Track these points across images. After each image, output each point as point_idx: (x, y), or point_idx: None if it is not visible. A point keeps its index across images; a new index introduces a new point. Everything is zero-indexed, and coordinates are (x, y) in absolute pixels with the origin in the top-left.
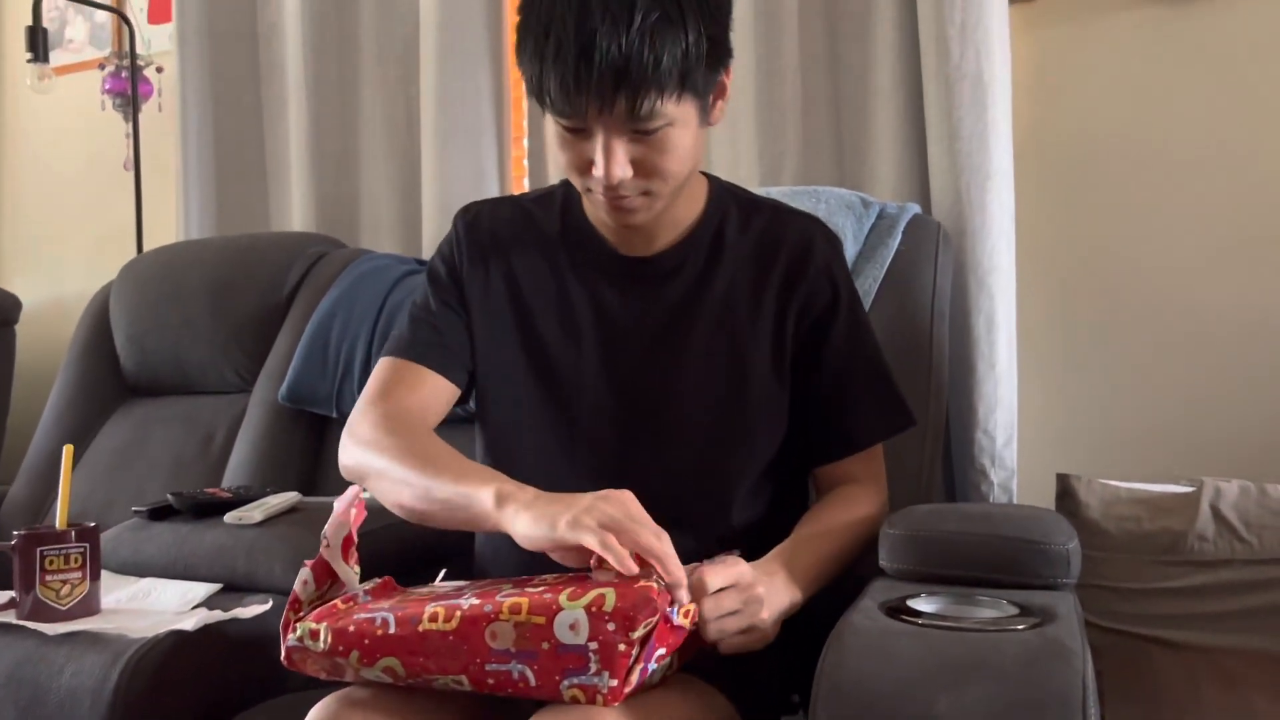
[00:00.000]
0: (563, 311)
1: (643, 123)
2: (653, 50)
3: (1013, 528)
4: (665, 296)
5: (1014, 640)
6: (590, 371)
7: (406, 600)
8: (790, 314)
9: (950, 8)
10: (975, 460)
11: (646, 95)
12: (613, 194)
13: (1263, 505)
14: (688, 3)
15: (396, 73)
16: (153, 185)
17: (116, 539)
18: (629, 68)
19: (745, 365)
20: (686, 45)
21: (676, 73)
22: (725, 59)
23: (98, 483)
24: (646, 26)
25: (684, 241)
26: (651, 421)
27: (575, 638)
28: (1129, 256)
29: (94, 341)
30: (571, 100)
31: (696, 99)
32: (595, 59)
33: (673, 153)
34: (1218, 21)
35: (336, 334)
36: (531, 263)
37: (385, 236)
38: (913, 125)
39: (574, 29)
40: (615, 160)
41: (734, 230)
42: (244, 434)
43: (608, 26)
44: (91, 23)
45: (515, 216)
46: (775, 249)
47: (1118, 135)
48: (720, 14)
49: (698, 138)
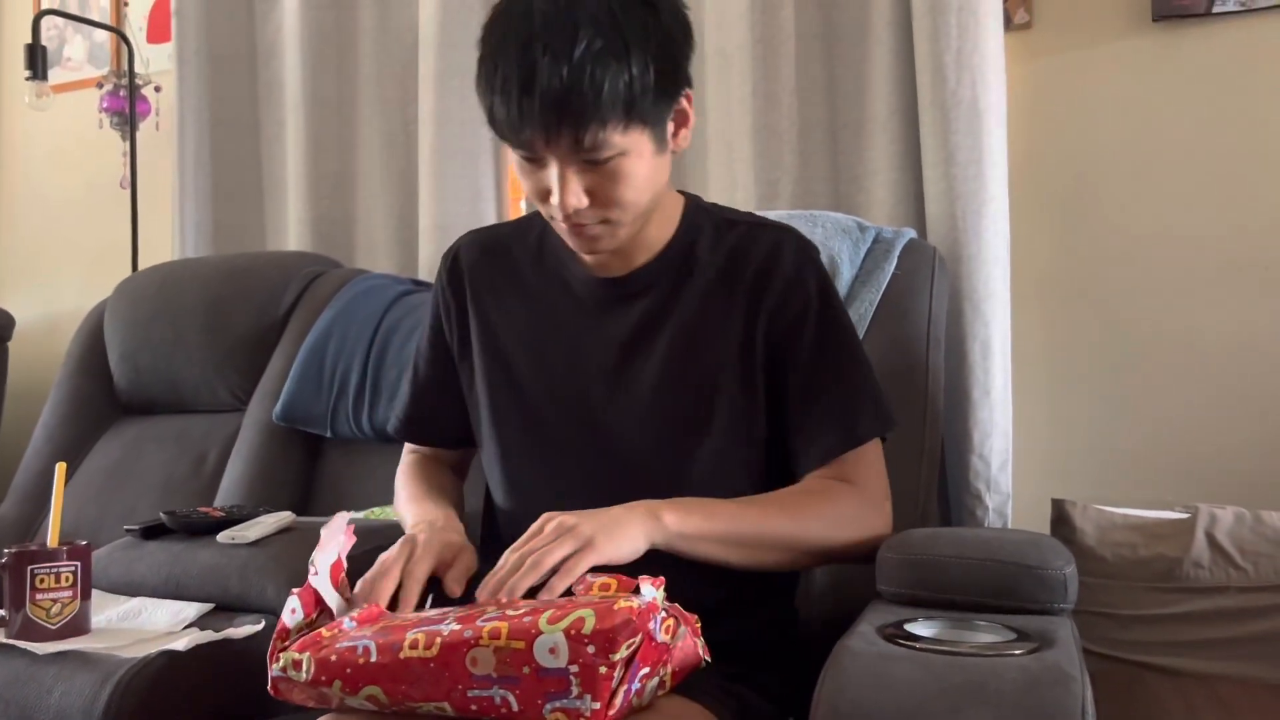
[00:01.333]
0: (534, 340)
1: (590, 153)
2: (593, 82)
3: (1010, 552)
4: (631, 317)
5: (1013, 665)
6: (561, 398)
7: (390, 627)
8: (759, 325)
9: (946, 35)
10: (970, 485)
11: (589, 127)
12: (572, 223)
13: (1257, 532)
14: (633, 33)
15: (395, 93)
16: (149, 204)
17: (108, 558)
18: (570, 99)
19: (712, 385)
20: (630, 76)
21: (621, 104)
22: (678, 88)
23: (90, 501)
24: (588, 57)
25: (655, 262)
26: (617, 444)
27: (555, 661)
28: (1123, 282)
29: (87, 359)
30: (518, 132)
31: (647, 128)
32: (536, 91)
33: (627, 182)
34: (1210, 49)
35: (332, 354)
36: (504, 294)
37: (382, 256)
38: (909, 151)
39: (516, 61)
40: (569, 190)
41: (706, 248)
42: (237, 453)
43: (549, 58)
44: (90, 41)
45: (492, 246)
46: (744, 262)
47: (1112, 161)
48: (670, 44)
49: (655, 166)
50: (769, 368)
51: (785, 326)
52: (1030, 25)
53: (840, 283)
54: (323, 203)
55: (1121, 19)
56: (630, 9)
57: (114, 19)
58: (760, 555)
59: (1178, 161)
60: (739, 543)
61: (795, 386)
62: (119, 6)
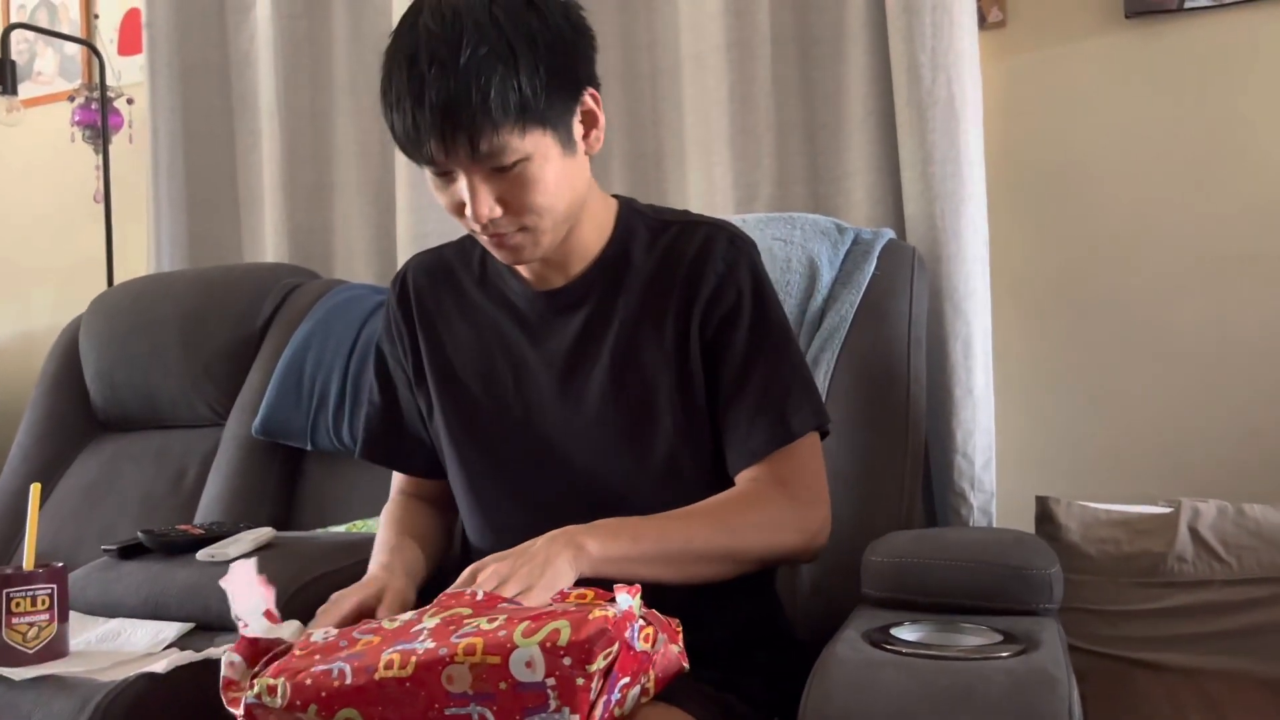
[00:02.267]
0: (480, 358)
1: (491, 160)
2: (480, 88)
3: (994, 554)
4: (572, 328)
5: (999, 669)
6: (512, 417)
7: (366, 644)
8: (693, 322)
9: (921, 34)
10: (955, 484)
11: (482, 133)
12: (490, 233)
13: (1240, 526)
14: (518, 37)
15: (370, 102)
16: (123, 218)
17: (85, 579)
18: (459, 107)
19: (654, 389)
20: (519, 80)
21: (513, 108)
22: (577, 88)
23: (67, 521)
24: (473, 64)
25: (591, 269)
26: (569, 457)
27: (532, 675)
28: (1103, 278)
29: (63, 376)
30: (418, 145)
31: (548, 131)
32: (426, 102)
33: (537, 186)
34: (1182, 44)
35: (311, 366)
36: (450, 314)
37: (360, 267)
38: (886, 151)
39: (406, 75)
40: (480, 200)
41: (641, 251)
42: (217, 469)
43: (435, 70)
44: (61, 55)
45: (436, 271)
46: (677, 262)
47: (1088, 158)
48: (561, 44)
49: (565, 168)
50: (706, 366)
51: (718, 322)
52: (1004, 23)
53: (820, 285)
54: (299, 213)
55: (1094, 16)
56: (515, 14)
57: (84, 31)
58: (693, 570)
59: (1153, 157)
60: (668, 560)
61: (726, 383)
62: (89, 19)
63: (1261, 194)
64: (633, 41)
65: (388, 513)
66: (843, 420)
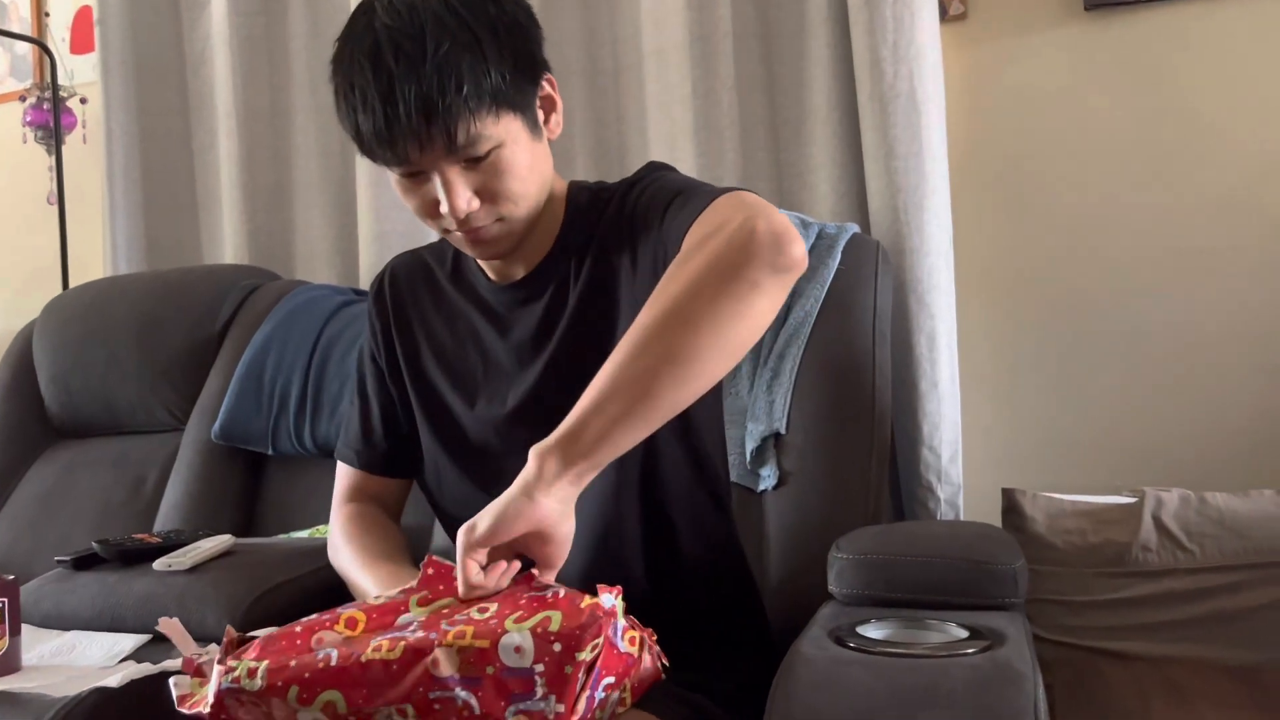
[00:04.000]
0: (454, 355)
1: (468, 150)
2: (453, 78)
3: (959, 549)
4: (534, 316)
5: (964, 665)
6: (480, 410)
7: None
8: (642, 267)
9: (882, 28)
10: (922, 477)
11: (460, 122)
12: (467, 228)
13: (1202, 514)
14: (479, 25)
15: (329, 101)
16: (78, 219)
17: (38, 591)
18: (433, 100)
19: None
20: (488, 67)
21: (487, 94)
22: (537, 72)
23: (23, 531)
24: (442, 56)
25: (550, 255)
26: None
27: (521, 661)
28: (1065, 269)
29: (16, 383)
30: (390, 147)
31: (517, 115)
32: (398, 100)
33: (511, 173)
34: (1142, 35)
35: (271, 369)
36: (427, 313)
37: (321, 267)
38: (849, 146)
39: (372, 75)
40: (457, 194)
41: (583, 220)
42: (176, 475)
43: (403, 66)
44: (12, 54)
45: (414, 271)
46: (618, 217)
47: (1050, 150)
48: (519, 29)
49: (535, 154)
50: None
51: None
52: (965, 16)
53: None
54: (259, 214)
55: (1054, 7)
56: (470, 3)
57: (35, 30)
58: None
59: (1115, 148)
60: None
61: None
62: (40, 17)
63: (1223, 185)
64: (595, 38)
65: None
66: (808, 415)
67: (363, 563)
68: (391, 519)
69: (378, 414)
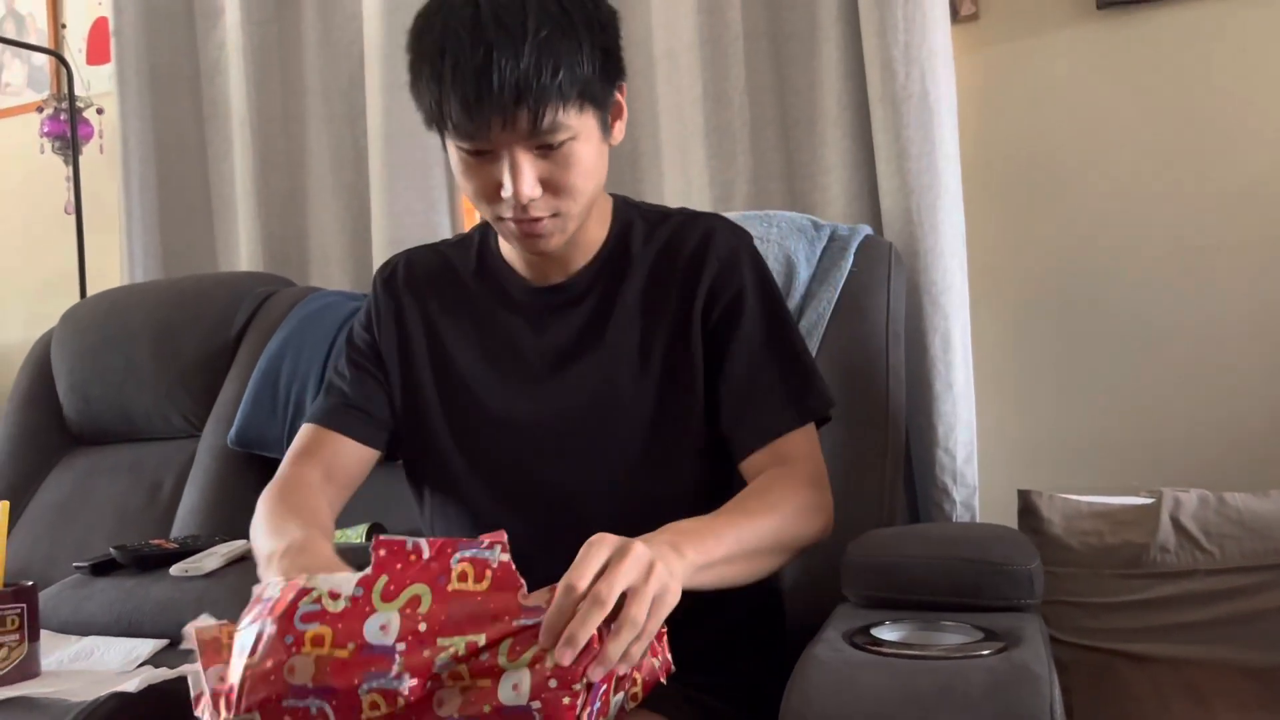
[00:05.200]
0: (480, 351)
1: (546, 136)
2: (550, 62)
3: (974, 550)
4: (575, 322)
5: (980, 667)
6: (512, 410)
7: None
8: (695, 311)
9: (894, 29)
10: (937, 479)
11: (548, 107)
12: (523, 217)
13: (1222, 514)
14: (579, 16)
15: (342, 108)
16: (95, 229)
17: (57, 597)
18: (528, 80)
19: (656, 381)
20: (581, 57)
21: (577, 84)
22: (619, 74)
23: (41, 537)
24: (542, 38)
25: (592, 264)
26: (574, 449)
27: (517, 699)
28: (1079, 269)
29: (35, 391)
30: (474, 118)
31: (597, 111)
32: (494, 74)
33: (578, 167)
34: (1154, 34)
35: (286, 374)
36: (446, 305)
37: (336, 273)
38: (861, 147)
39: (470, 46)
40: (523, 178)
41: (639, 244)
42: (193, 481)
43: (503, 41)
44: (29, 65)
45: (431, 262)
46: (678, 252)
47: (1063, 149)
48: (610, 28)
49: (601, 154)
50: (708, 354)
51: (722, 310)
52: (977, 16)
53: (797, 282)
54: (273, 221)
55: (1067, 7)
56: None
57: (52, 41)
58: (756, 565)
59: (1128, 147)
60: (740, 558)
61: (736, 369)
62: (57, 29)
63: (1239, 182)
64: None
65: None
66: None
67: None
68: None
69: (365, 388)
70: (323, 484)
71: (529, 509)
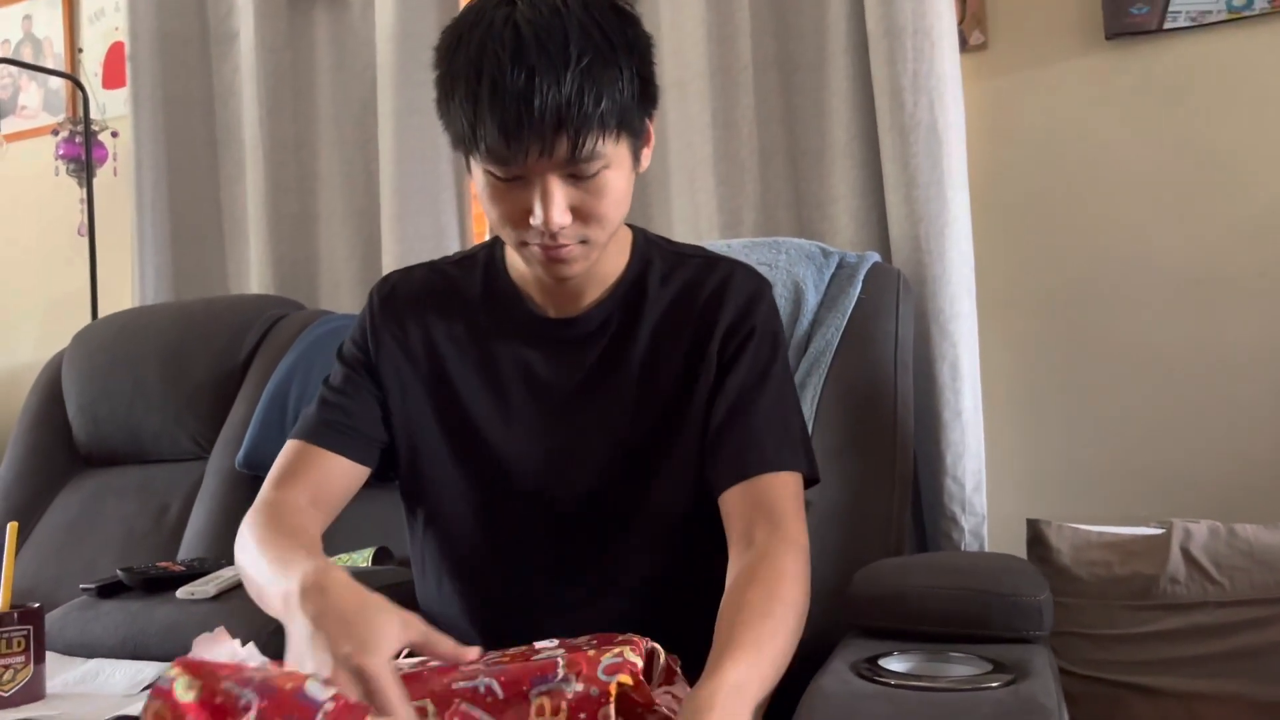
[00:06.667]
0: (485, 379)
1: (583, 165)
2: (593, 89)
3: (983, 580)
4: (588, 357)
5: (988, 700)
6: (517, 439)
7: None
8: (711, 351)
9: (903, 59)
10: (945, 508)
11: (589, 135)
12: (551, 244)
13: (1232, 546)
14: (620, 43)
15: (354, 133)
16: (108, 251)
17: (63, 618)
18: (571, 107)
19: (668, 421)
20: (622, 84)
21: (615, 112)
22: (654, 102)
23: (49, 558)
24: (584, 66)
25: (607, 299)
26: (574, 485)
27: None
28: (1088, 299)
29: (45, 412)
30: (511, 145)
31: (632, 140)
32: (535, 100)
33: (610, 196)
34: (1163, 65)
35: (294, 397)
36: (451, 328)
37: (345, 297)
38: (870, 175)
39: (510, 69)
40: (554, 205)
41: (656, 282)
42: (200, 503)
43: (546, 66)
44: (45, 89)
45: (433, 282)
46: (695, 295)
47: (1072, 179)
48: (648, 55)
49: (630, 182)
50: (714, 392)
51: (734, 348)
52: (986, 46)
53: (805, 309)
54: (284, 244)
55: (1075, 37)
56: (610, 20)
57: (69, 66)
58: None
59: (1136, 177)
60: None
61: (727, 401)
62: (74, 53)
63: (1247, 212)
64: None
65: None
66: (830, 445)
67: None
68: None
69: (358, 403)
70: (309, 508)
71: (529, 544)
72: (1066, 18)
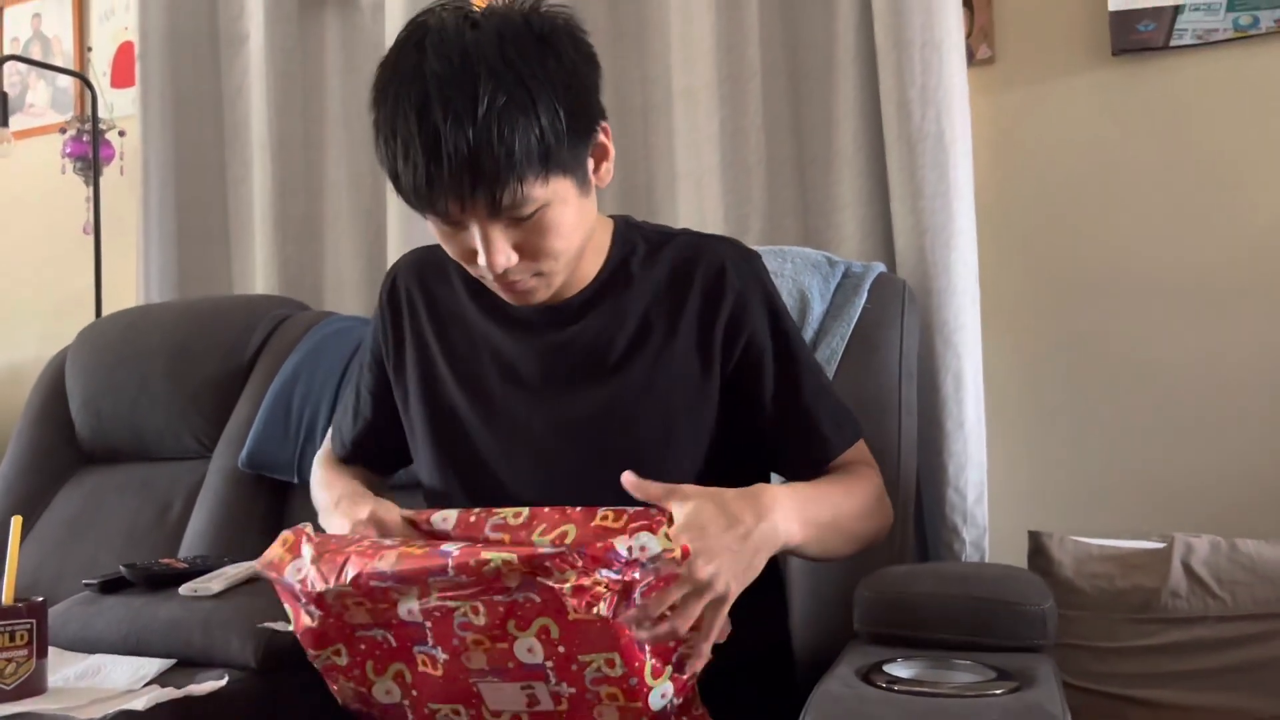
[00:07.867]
0: (476, 362)
1: (512, 212)
2: (503, 140)
3: (988, 589)
4: (572, 341)
5: (993, 706)
6: (495, 424)
7: None
8: (716, 334)
9: (910, 70)
10: (947, 519)
11: (505, 186)
12: (503, 281)
13: (1234, 561)
14: (536, 82)
15: (361, 134)
16: (113, 249)
17: (66, 613)
18: (480, 162)
19: (666, 399)
20: (541, 128)
21: (536, 157)
22: (592, 125)
23: (50, 554)
24: (493, 115)
25: (591, 286)
26: (575, 463)
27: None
28: (1092, 311)
29: (48, 408)
30: (430, 201)
31: (568, 176)
32: (443, 157)
33: (555, 231)
34: (1169, 81)
35: (299, 398)
36: (442, 318)
37: (351, 298)
38: (876, 185)
39: (417, 127)
40: (496, 250)
41: (640, 263)
42: (202, 502)
43: (451, 121)
44: (54, 87)
45: (429, 267)
46: (690, 272)
47: (1077, 193)
48: (577, 81)
49: (581, 209)
50: (733, 388)
51: (748, 343)
52: (993, 60)
53: (811, 318)
54: (290, 245)
55: (1082, 53)
56: (528, 53)
57: (78, 64)
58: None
59: (1141, 192)
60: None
61: (772, 405)
62: (83, 52)
63: (1252, 228)
64: (625, 76)
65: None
66: None
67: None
68: None
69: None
70: None
71: None
72: (1073, 34)
